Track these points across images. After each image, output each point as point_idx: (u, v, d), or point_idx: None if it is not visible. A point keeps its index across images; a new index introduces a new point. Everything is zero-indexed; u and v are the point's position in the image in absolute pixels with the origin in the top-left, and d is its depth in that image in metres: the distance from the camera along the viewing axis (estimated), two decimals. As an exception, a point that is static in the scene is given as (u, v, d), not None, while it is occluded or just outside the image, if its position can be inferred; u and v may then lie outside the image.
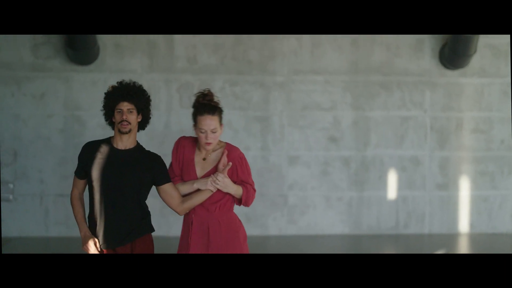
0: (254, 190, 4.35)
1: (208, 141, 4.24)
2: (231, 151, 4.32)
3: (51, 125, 8.93)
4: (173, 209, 4.34)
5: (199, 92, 4.33)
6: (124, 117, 4.24)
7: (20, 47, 8.89)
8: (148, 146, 9.09)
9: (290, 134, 9.23)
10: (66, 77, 8.95)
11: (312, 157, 9.28)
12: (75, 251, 8.28)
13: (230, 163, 4.22)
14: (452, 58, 9.14)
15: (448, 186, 9.48)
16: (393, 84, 9.38)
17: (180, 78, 9.09)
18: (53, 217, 8.95)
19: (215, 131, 4.24)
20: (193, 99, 4.46)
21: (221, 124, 4.29)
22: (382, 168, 9.38)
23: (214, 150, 4.35)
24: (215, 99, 4.31)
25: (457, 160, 9.47)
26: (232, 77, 9.17)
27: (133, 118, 4.28)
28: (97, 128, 8.92)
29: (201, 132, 4.24)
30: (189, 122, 9.25)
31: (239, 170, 4.30)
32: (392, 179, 9.39)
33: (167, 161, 4.54)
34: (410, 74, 9.40)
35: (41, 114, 8.92)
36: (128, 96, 4.25)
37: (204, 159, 4.33)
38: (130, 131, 4.28)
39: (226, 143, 4.39)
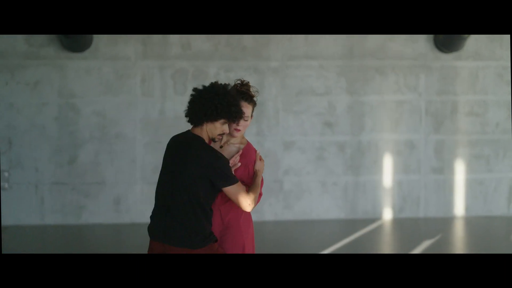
0: (260, 194, 4.33)
1: (238, 128, 4.22)
2: (248, 152, 4.31)
3: (46, 113, 8.91)
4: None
5: (238, 80, 4.31)
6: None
7: (13, 35, 8.85)
8: (143, 132, 9.12)
9: (285, 119, 9.23)
10: (60, 64, 8.92)
11: (307, 142, 9.28)
12: (71, 239, 8.29)
13: (239, 164, 4.22)
14: (447, 41, 9.13)
15: (443, 170, 9.50)
16: (388, 68, 9.37)
17: (174, 64, 9.07)
18: (48, 205, 8.95)
19: (247, 119, 4.24)
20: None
21: (251, 116, 4.29)
22: (377, 152, 9.39)
23: (233, 143, 4.33)
24: (252, 91, 4.29)
25: (452, 144, 9.48)
26: (226, 63, 9.15)
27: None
28: (91, 115, 8.91)
29: None
30: (183, 108, 9.24)
31: (251, 171, 4.31)
32: (387, 163, 9.40)
33: (157, 148, 4.52)
34: (404, 58, 9.39)
35: (36, 102, 8.89)
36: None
37: (221, 147, 4.32)
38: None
39: (248, 142, 4.37)
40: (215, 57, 9.13)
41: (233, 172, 4.07)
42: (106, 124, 9.00)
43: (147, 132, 9.00)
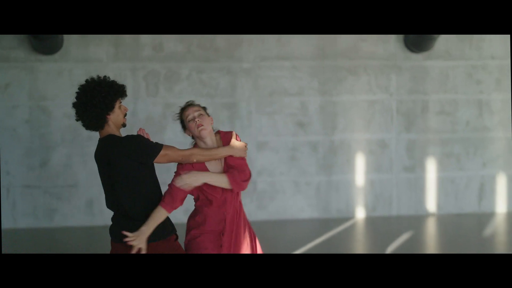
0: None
1: (200, 124, 4.29)
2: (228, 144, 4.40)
3: (17, 116, 8.84)
4: None
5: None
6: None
7: (-18, 37, 8.77)
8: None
9: (257, 120, 9.25)
10: (30, 67, 8.85)
11: (280, 143, 9.31)
12: (44, 243, 8.22)
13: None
14: (417, 41, 9.21)
15: (415, 168, 9.58)
16: (360, 68, 9.43)
17: (147, 66, 9.05)
18: (20, 208, 8.87)
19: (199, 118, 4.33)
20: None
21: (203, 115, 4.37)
22: (350, 152, 9.45)
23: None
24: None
25: (424, 143, 9.57)
26: (199, 65, 9.15)
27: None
28: (63, 118, 8.84)
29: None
30: (155, 109, 9.23)
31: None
32: (360, 162, 9.47)
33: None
34: (376, 58, 9.46)
35: (6, 105, 8.81)
36: None
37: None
38: None
39: (221, 134, 4.44)
40: (187, 58, 9.12)
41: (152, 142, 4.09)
42: (78, 126, 8.91)
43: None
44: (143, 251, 3.95)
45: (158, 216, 4.04)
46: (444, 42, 9.53)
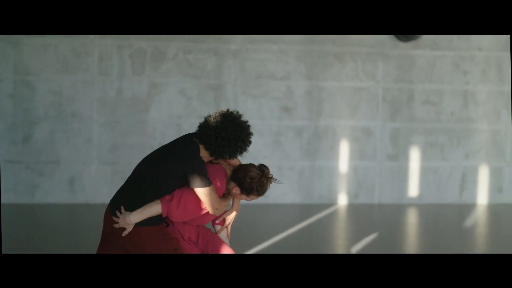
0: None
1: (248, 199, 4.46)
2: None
3: (0, 90, 8.75)
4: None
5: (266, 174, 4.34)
6: None
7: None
8: (99, 112, 8.99)
9: (243, 102, 9.22)
10: (16, 41, 8.76)
11: (265, 126, 9.30)
12: (24, 219, 8.17)
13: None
14: (405, 30, 9.21)
15: (399, 157, 9.61)
16: (347, 55, 9.42)
17: (133, 44, 8.98)
18: (1, 183, 8.80)
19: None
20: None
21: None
22: (334, 138, 9.46)
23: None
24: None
25: (408, 131, 9.60)
26: (186, 45, 9.09)
27: None
28: (47, 93, 8.78)
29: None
30: (141, 88, 9.14)
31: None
32: (344, 149, 9.48)
33: (114, 128, 4.46)
34: (363, 45, 9.45)
35: (-10, 78, 8.73)
36: None
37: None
38: None
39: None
40: (174, 38, 9.06)
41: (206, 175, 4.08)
42: (62, 102, 8.88)
43: (104, 111, 8.91)
44: (127, 232, 4.00)
45: (154, 210, 4.06)
46: (432, 31, 9.53)
